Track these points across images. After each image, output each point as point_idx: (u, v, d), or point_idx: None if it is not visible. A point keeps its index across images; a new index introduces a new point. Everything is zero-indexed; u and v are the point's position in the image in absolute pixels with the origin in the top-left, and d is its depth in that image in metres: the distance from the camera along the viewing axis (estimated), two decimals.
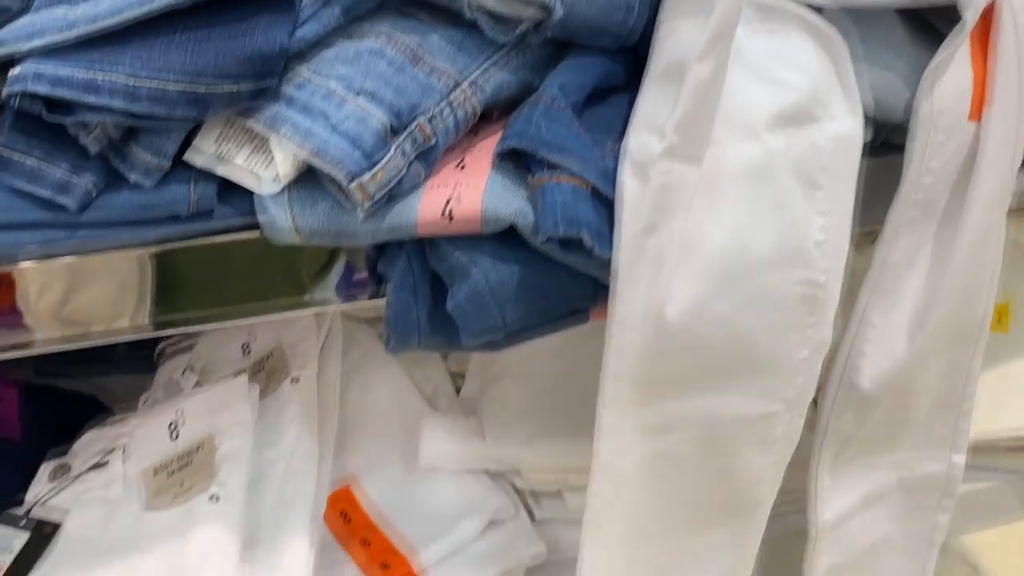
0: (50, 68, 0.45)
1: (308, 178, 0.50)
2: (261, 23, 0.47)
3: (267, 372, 0.82)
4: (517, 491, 0.76)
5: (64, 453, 0.78)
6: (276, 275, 0.54)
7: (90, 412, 0.89)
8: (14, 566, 0.67)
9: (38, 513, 0.72)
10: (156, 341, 0.97)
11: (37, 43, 0.45)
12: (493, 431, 0.76)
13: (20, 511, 0.72)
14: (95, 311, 0.53)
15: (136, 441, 0.76)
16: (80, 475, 0.74)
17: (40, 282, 0.50)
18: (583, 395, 0.82)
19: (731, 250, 0.50)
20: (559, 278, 0.52)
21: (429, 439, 0.75)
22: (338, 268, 0.54)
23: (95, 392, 0.96)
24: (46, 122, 0.47)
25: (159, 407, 0.80)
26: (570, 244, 0.48)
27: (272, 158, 0.50)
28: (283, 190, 0.50)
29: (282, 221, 0.50)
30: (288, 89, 0.49)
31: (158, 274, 0.52)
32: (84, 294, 0.53)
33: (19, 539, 0.69)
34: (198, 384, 0.83)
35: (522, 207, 0.49)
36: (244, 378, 0.77)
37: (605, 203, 0.50)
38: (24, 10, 0.49)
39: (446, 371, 0.89)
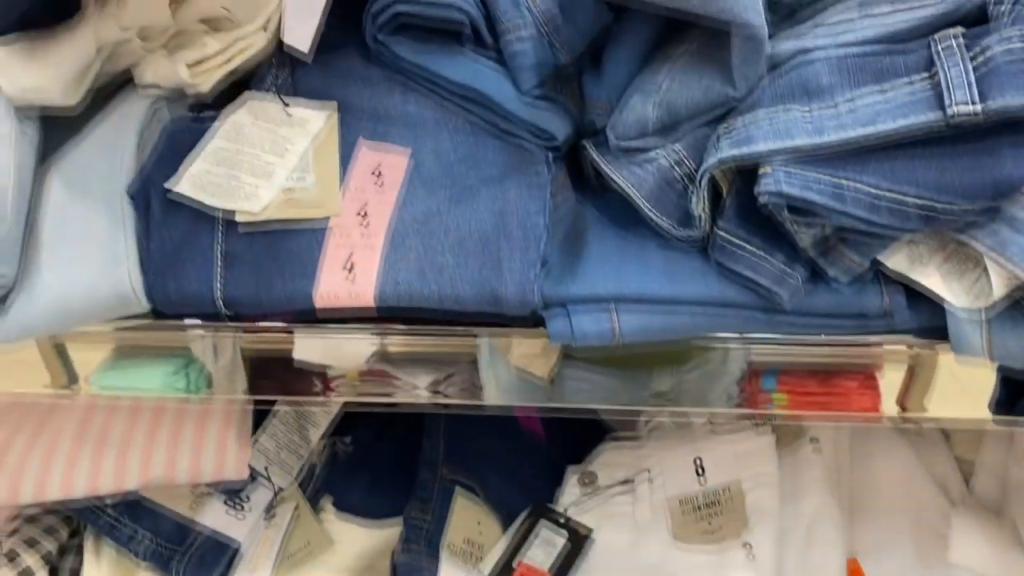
0: (798, 171, 0.48)
1: (1011, 303, 0.49)
2: (1006, 147, 0.46)
3: (779, 429, 0.84)
4: None
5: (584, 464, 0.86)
6: None
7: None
8: (559, 563, 0.75)
9: (573, 514, 0.80)
10: None
11: (786, 144, 0.49)
12: None
13: (559, 509, 0.80)
14: None
15: (662, 469, 0.81)
16: (607, 488, 0.81)
17: None
18: None
19: None
20: None
21: (963, 537, 0.72)
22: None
23: None
24: (764, 215, 0.50)
25: (677, 440, 0.85)
26: None
27: (968, 270, 0.50)
28: (980, 309, 0.50)
29: (974, 340, 0.50)
30: (1014, 210, 0.48)
31: None
32: None
33: (559, 539, 0.77)
34: (710, 423, 0.87)
35: None
36: (770, 433, 0.80)
37: None
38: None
39: (953, 457, 0.86)
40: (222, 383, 0.76)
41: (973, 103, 0.45)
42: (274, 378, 0.77)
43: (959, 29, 0.48)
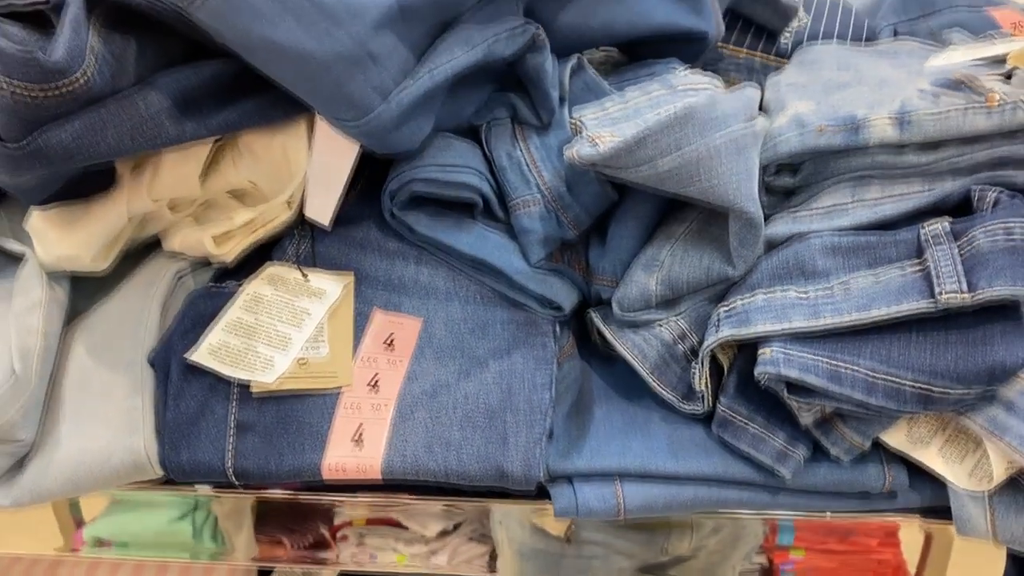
0: (796, 353, 0.50)
1: (1014, 484, 0.50)
2: (997, 334, 0.48)
3: None
4: None
5: None
6: None
7: None
8: None
9: None
10: None
11: (784, 327, 0.50)
12: None
13: None
14: None
15: None
16: None
17: None
18: None
19: None
20: None
21: None
22: None
23: None
24: (766, 392, 0.52)
25: None
26: None
27: (969, 452, 0.51)
28: (983, 492, 0.50)
29: (979, 522, 0.50)
30: (1011, 395, 0.49)
31: None
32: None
33: None
34: None
35: None
36: None
37: None
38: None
39: None
40: (229, 527, 0.76)
41: (962, 291, 0.47)
42: (280, 523, 0.77)
43: (946, 219, 0.51)
